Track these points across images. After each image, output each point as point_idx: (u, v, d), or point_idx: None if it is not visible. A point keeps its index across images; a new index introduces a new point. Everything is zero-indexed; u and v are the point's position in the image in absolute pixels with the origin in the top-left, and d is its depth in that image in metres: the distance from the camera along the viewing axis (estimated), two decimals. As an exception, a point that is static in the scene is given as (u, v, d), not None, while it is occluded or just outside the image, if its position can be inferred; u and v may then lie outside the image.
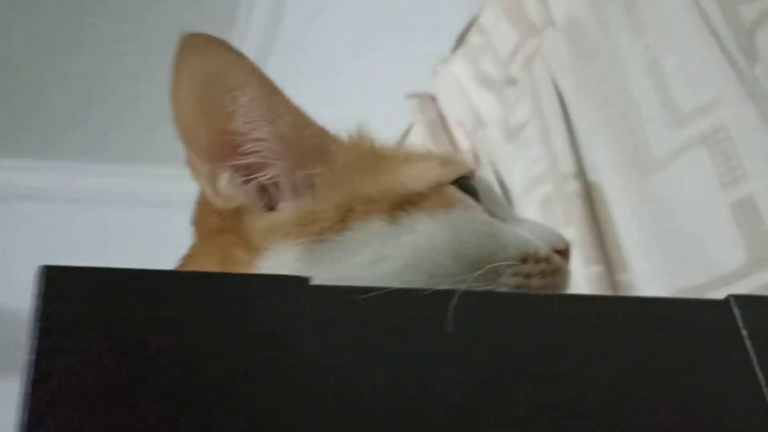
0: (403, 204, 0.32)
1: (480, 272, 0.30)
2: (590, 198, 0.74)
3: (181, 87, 0.31)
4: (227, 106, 0.32)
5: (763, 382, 0.28)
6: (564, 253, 0.36)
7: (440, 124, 1.05)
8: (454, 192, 0.34)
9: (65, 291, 0.21)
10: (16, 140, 1.97)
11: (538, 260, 0.34)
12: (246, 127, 0.32)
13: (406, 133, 1.15)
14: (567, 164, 0.76)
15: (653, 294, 0.64)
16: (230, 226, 0.32)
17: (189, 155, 0.32)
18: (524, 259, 0.33)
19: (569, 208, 0.75)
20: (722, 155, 0.61)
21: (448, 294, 0.26)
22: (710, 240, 0.61)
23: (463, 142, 1.01)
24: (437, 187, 0.34)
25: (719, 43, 0.61)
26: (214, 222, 0.33)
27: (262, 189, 0.33)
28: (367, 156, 0.36)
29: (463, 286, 0.27)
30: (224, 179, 0.32)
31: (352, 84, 1.37)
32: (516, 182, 0.90)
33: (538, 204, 0.85)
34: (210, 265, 0.32)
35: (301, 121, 0.34)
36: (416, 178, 0.34)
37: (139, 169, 2.22)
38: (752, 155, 0.58)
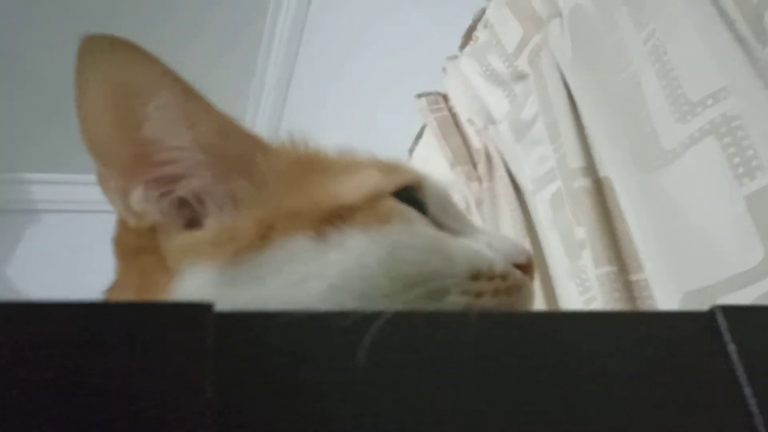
0: (333, 218, 0.29)
1: (420, 291, 0.28)
2: (601, 195, 0.70)
3: (85, 94, 0.29)
4: (137, 113, 0.29)
5: (750, 398, 0.26)
6: (526, 268, 0.32)
7: (453, 122, 1.02)
8: (393, 204, 0.31)
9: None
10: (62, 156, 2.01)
11: (491, 277, 0.30)
12: (160, 134, 0.29)
13: (420, 133, 1.12)
14: (575, 160, 0.72)
15: (663, 297, 0.60)
16: (147, 246, 0.30)
17: (98, 169, 0.30)
18: (475, 276, 0.30)
19: (578, 205, 0.71)
20: (736, 145, 0.56)
21: (373, 317, 0.23)
22: (724, 237, 0.56)
23: (475, 141, 0.98)
24: (374, 199, 0.30)
25: (727, 24, 0.57)
26: (131, 242, 0.30)
27: (182, 204, 0.30)
28: (298, 165, 0.32)
29: (397, 308, 0.24)
30: (137, 195, 0.29)
31: (363, 87, 1.35)
32: (527, 180, 0.86)
33: (549, 202, 0.81)
34: (129, 290, 0.30)
35: (225, 127, 0.31)
36: (351, 189, 0.31)
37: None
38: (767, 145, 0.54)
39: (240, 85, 1.82)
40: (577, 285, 0.75)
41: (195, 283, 0.28)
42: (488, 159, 0.93)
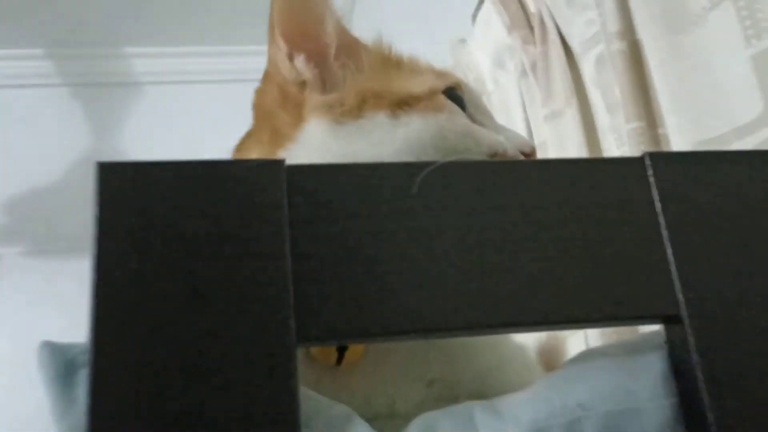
0: (402, 104, 0.42)
1: (454, 159, 0.41)
2: (636, 56, 0.78)
3: None
4: (313, 11, 0.43)
5: (667, 240, 0.32)
6: (529, 155, 0.45)
7: (510, -11, 1.07)
8: (443, 99, 0.44)
9: (114, 184, 0.31)
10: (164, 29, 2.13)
11: (503, 158, 0.43)
12: (321, 26, 0.44)
13: (480, 3, 1.18)
14: (614, 24, 0.79)
15: (680, 147, 0.69)
16: (286, 102, 0.44)
17: (274, 35, 0.44)
18: (492, 156, 0.43)
19: (615, 66, 0.78)
20: (748, 9, 0.62)
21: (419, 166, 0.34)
22: (733, 92, 0.64)
23: (531, 6, 1.04)
24: (430, 94, 0.43)
25: None
26: (273, 96, 0.45)
27: (321, 74, 0.44)
28: (384, 62, 0.46)
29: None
30: (300, 59, 0.43)
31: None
32: (576, 43, 0.93)
33: (593, 63, 0.88)
34: (263, 137, 0.45)
35: (346, 31, 0.45)
36: (416, 85, 0.44)
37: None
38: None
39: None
40: (615, 139, 0.84)
41: (314, 131, 0.42)
42: (542, 23, 0.99)
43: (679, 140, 0.69)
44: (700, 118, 0.67)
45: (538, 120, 1.02)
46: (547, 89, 0.97)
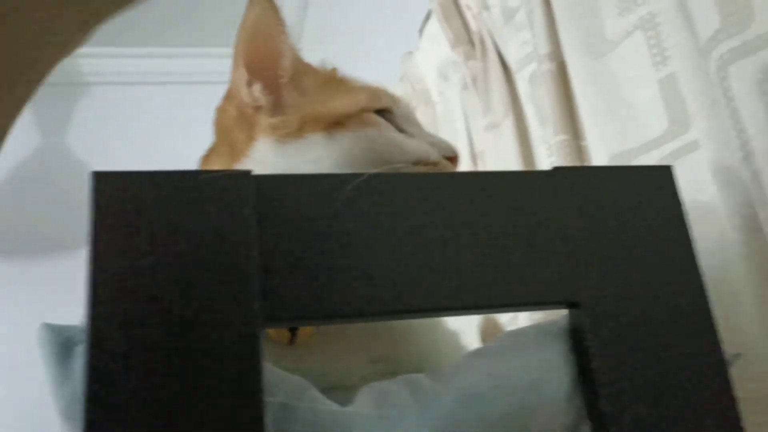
0: (337, 123, 0.49)
1: (382, 169, 0.48)
2: (562, 76, 0.86)
3: (247, 22, 0.49)
4: (272, 42, 0.50)
5: (571, 241, 0.41)
6: (453, 159, 0.52)
7: (454, 7, 1.15)
8: (372, 116, 0.51)
9: (108, 192, 0.37)
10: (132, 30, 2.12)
11: (427, 164, 0.50)
12: (277, 58, 0.50)
13: (428, 16, 1.26)
14: (544, 46, 0.87)
15: (597, 159, 0.77)
16: (241, 121, 0.50)
17: (237, 63, 0.50)
18: (416, 163, 0.50)
19: (545, 85, 0.87)
20: (655, 38, 0.71)
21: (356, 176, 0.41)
22: (643, 111, 0.73)
23: (473, 24, 1.12)
24: (361, 112, 0.50)
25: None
26: (232, 115, 0.51)
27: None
28: (326, 83, 0.53)
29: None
30: (257, 87, 0.50)
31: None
32: (512, 61, 1.01)
33: (527, 80, 0.97)
34: (222, 151, 0.52)
35: (298, 58, 0.52)
36: (349, 104, 0.51)
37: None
38: (674, 40, 0.68)
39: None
40: (546, 149, 0.92)
41: (262, 149, 0.48)
42: (482, 41, 1.07)
43: (599, 152, 0.77)
44: (616, 133, 0.75)
45: (479, 130, 1.10)
46: (487, 102, 1.06)
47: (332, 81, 0.53)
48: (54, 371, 0.35)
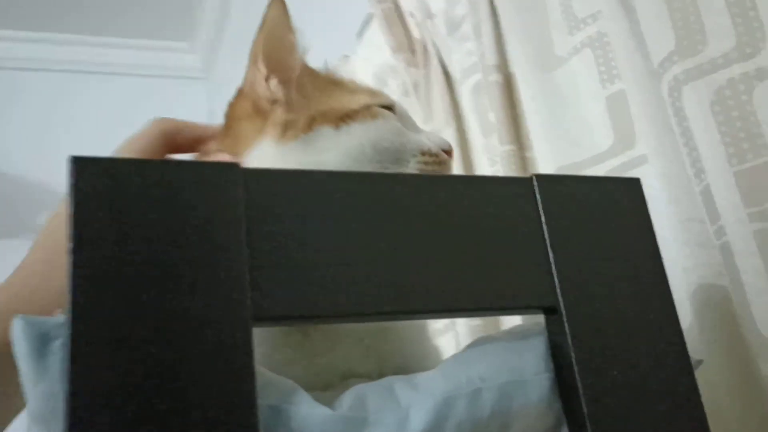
0: (345, 117, 0.50)
1: (391, 159, 0.50)
2: (509, 87, 0.88)
3: (268, 21, 0.51)
4: (289, 41, 0.52)
5: (549, 248, 0.40)
6: (448, 152, 0.54)
7: (396, 13, 1.16)
8: (378, 109, 0.52)
9: (90, 178, 0.34)
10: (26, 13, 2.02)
11: (430, 155, 0.52)
12: (291, 57, 0.52)
13: (368, 20, 1.26)
14: (491, 58, 0.89)
15: (544, 169, 0.80)
16: (255, 116, 0.51)
17: (256, 60, 0.51)
18: (422, 153, 0.52)
19: (491, 95, 0.89)
20: (604, 57, 0.75)
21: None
22: (591, 126, 0.76)
23: (415, 32, 1.13)
24: (367, 107, 0.52)
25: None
26: (245, 110, 0.52)
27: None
28: (327, 84, 0.54)
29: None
30: (274, 81, 0.51)
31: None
32: (455, 70, 1.03)
33: (471, 90, 0.99)
34: (226, 143, 0.51)
35: (305, 60, 0.54)
36: (354, 101, 0.52)
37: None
38: (624, 59, 0.72)
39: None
40: (488, 159, 0.94)
41: (271, 144, 0.49)
42: (425, 49, 1.08)
43: (546, 163, 0.80)
44: (564, 146, 0.78)
45: (418, 137, 1.11)
46: (428, 109, 1.07)
47: (334, 82, 0.55)
48: (28, 368, 0.32)
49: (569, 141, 0.77)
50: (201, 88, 2.55)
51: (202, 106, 2.50)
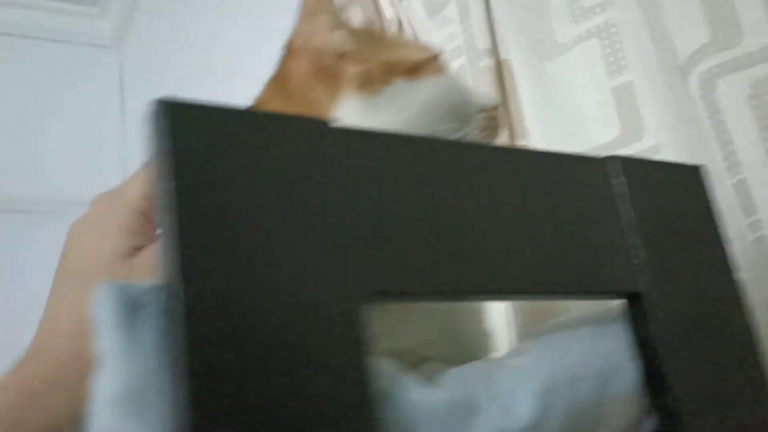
0: (412, 70, 0.47)
1: (462, 114, 0.47)
2: (500, 73, 0.86)
3: None
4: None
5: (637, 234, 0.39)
6: (496, 109, 0.52)
7: (366, -9, 1.11)
8: (440, 62, 0.50)
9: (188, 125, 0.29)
10: None
11: (490, 111, 0.50)
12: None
13: None
14: (482, 42, 0.87)
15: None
16: (322, 75, 0.46)
17: (317, 12, 0.47)
18: (482, 109, 0.49)
19: (481, 81, 0.87)
20: (611, 47, 0.74)
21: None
22: (593, 117, 0.75)
23: (387, 11, 1.09)
24: (430, 59, 0.49)
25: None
26: (306, 73, 0.47)
27: None
28: (376, 37, 0.52)
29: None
30: (342, 32, 0.47)
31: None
32: (435, 53, 1.00)
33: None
34: (306, 108, 0.45)
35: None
36: (413, 54, 0.49)
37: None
38: (634, 50, 0.71)
39: None
40: (470, 145, 0.92)
41: (348, 105, 0.45)
42: (400, 29, 1.05)
43: (544, 152, 0.78)
44: (561, 135, 0.77)
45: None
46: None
47: (383, 37, 0.54)
48: (115, 340, 0.26)
49: (567, 130, 0.77)
50: (112, 57, 2.39)
51: (113, 76, 2.35)
